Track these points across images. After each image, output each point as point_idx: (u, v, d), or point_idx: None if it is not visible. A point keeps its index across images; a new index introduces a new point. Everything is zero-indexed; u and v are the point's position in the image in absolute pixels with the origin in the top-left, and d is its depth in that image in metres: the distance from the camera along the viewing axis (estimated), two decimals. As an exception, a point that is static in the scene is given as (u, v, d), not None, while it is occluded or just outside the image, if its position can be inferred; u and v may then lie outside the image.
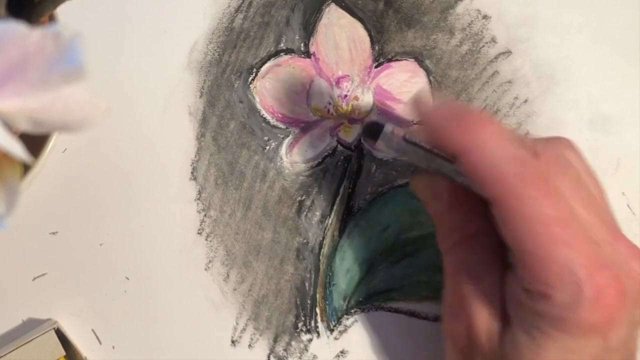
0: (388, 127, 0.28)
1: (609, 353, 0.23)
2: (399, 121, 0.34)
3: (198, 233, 0.33)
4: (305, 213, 0.33)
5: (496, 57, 0.35)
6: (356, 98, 0.34)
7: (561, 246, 0.23)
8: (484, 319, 0.25)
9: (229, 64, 0.34)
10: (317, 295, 0.33)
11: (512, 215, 0.23)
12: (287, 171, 0.33)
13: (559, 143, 0.27)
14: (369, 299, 0.33)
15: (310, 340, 0.32)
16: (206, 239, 0.33)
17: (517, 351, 0.24)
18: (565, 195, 0.24)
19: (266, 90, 0.34)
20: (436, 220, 0.28)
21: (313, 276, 0.33)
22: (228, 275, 0.33)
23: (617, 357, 0.24)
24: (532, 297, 0.24)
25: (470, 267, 0.26)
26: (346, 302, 0.33)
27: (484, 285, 0.26)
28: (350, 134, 0.34)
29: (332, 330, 0.32)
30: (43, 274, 0.32)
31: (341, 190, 0.33)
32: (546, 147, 0.26)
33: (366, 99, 0.34)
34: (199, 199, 0.33)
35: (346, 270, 0.33)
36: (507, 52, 0.35)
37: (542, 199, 0.23)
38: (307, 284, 0.33)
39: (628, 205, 0.34)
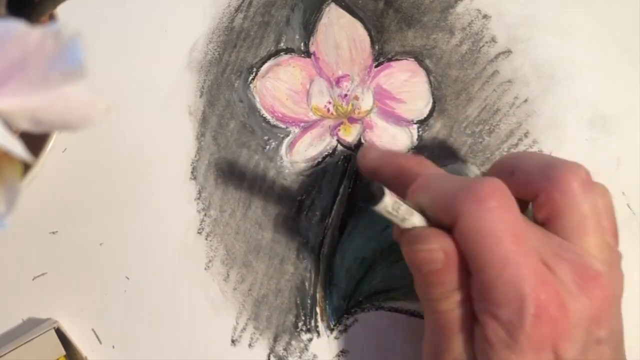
0: (388, 200, 0.25)
1: None
2: (399, 121, 0.34)
3: (198, 233, 0.33)
4: (305, 213, 0.33)
5: (496, 57, 0.35)
6: (356, 97, 0.34)
7: (512, 264, 0.24)
8: None
9: (229, 64, 0.34)
10: (317, 295, 0.33)
11: (471, 231, 0.24)
12: (287, 171, 0.33)
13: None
14: (369, 298, 0.33)
15: (310, 340, 0.32)
16: (206, 239, 0.33)
17: None
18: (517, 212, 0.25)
19: (266, 89, 0.34)
20: (430, 284, 0.26)
21: (313, 276, 0.33)
22: (228, 274, 0.33)
23: None
24: (485, 324, 0.24)
25: (464, 319, 0.25)
26: (346, 302, 0.33)
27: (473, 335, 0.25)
28: (350, 134, 0.34)
29: (332, 330, 0.32)
30: (43, 274, 0.32)
31: (341, 189, 0.33)
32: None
33: (366, 98, 0.34)
34: (199, 198, 0.33)
35: (346, 270, 0.33)
36: (507, 52, 0.35)
37: (497, 212, 0.24)
38: (307, 284, 0.33)
39: (628, 205, 0.34)
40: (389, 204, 0.25)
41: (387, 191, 0.25)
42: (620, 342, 0.27)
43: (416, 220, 0.26)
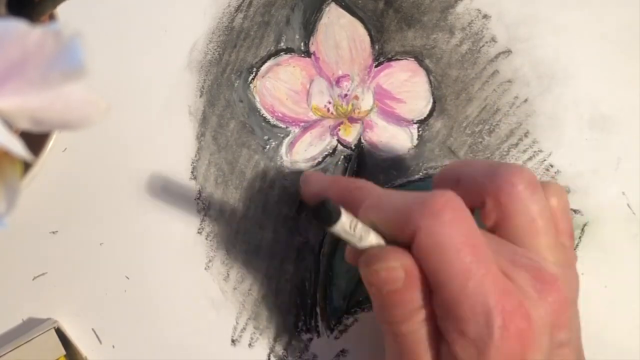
0: (345, 218, 0.24)
1: None
2: (399, 121, 0.34)
3: (198, 232, 0.33)
4: (305, 213, 0.33)
5: (496, 57, 0.35)
6: (356, 97, 0.34)
7: (474, 276, 0.23)
8: None
9: (229, 64, 0.34)
10: (317, 295, 0.33)
11: (430, 246, 0.24)
12: (287, 170, 0.33)
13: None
14: (369, 298, 0.33)
15: (310, 340, 0.32)
16: (206, 239, 0.33)
17: None
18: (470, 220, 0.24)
19: (266, 89, 0.34)
20: (391, 305, 0.25)
21: (313, 276, 0.33)
22: (228, 274, 0.33)
23: None
24: (453, 342, 0.23)
25: (430, 339, 0.25)
26: (346, 302, 0.33)
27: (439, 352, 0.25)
28: (351, 134, 0.34)
29: (332, 330, 0.32)
30: (43, 274, 0.32)
31: (341, 189, 0.33)
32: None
33: (366, 98, 0.34)
34: (199, 198, 0.33)
35: (346, 269, 0.33)
36: (507, 52, 0.35)
37: (453, 224, 0.24)
38: (307, 284, 0.33)
39: (628, 205, 0.34)
40: (347, 222, 0.24)
41: (343, 209, 0.24)
42: (579, 342, 0.26)
43: (373, 239, 0.25)
